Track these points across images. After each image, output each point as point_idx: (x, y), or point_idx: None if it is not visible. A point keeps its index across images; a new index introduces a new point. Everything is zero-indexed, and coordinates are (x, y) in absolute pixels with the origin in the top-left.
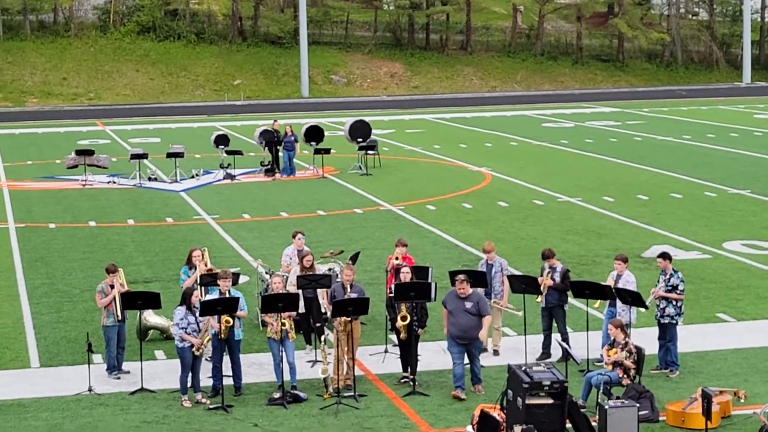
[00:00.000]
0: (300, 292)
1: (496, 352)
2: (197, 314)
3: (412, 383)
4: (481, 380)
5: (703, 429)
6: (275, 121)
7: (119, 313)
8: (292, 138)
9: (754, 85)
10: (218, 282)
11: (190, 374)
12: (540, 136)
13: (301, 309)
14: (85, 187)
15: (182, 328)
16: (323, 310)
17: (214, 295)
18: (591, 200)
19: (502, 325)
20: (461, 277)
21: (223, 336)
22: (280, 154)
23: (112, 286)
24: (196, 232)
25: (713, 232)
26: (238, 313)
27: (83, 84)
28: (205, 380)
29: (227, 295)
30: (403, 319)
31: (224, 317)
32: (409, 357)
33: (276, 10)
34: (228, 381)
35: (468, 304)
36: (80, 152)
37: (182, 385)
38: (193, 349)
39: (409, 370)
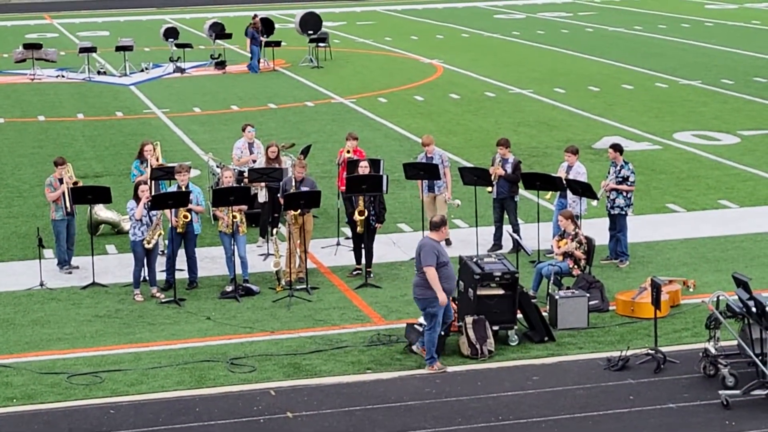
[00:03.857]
0: (263, 183)
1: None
2: (148, 208)
3: (366, 275)
4: None
5: (652, 318)
6: (255, 15)
7: (68, 205)
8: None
9: None
10: (176, 177)
11: (145, 268)
12: (491, 27)
13: (265, 199)
14: (33, 81)
15: (132, 218)
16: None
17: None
18: (542, 92)
19: (453, 217)
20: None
21: (180, 230)
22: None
23: (61, 180)
24: (147, 126)
25: (664, 123)
26: (196, 207)
27: None
28: (159, 274)
29: (186, 190)
30: (361, 213)
31: (182, 212)
32: (362, 250)
33: None
34: (181, 275)
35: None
36: (28, 46)
37: (135, 278)
38: (144, 242)
39: (363, 262)
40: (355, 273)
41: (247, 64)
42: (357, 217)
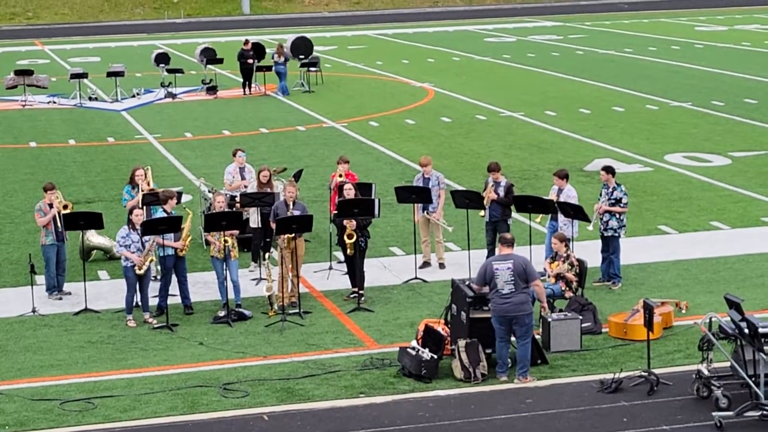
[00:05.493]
0: (256, 208)
1: (441, 266)
2: (140, 233)
3: (357, 298)
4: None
5: (645, 340)
6: (247, 41)
7: (59, 225)
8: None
9: None
10: (162, 204)
11: (137, 294)
12: (482, 51)
13: (257, 224)
14: (24, 107)
15: (123, 246)
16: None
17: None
18: (533, 114)
19: (445, 240)
20: None
21: (183, 254)
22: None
23: (51, 205)
24: (138, 151)
25: (655, 145)
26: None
27: (21, 3)
28: (152, 300)
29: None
30: (350, 237)
31: (189, 237)
32: (355, 272)
33: None
34: (173, 300)
35: None
36: (19, 72)
37: (127, 304)
38: (135, 267)
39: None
40: (352, 296)
41: (280, 86)
42: (346, 240)
